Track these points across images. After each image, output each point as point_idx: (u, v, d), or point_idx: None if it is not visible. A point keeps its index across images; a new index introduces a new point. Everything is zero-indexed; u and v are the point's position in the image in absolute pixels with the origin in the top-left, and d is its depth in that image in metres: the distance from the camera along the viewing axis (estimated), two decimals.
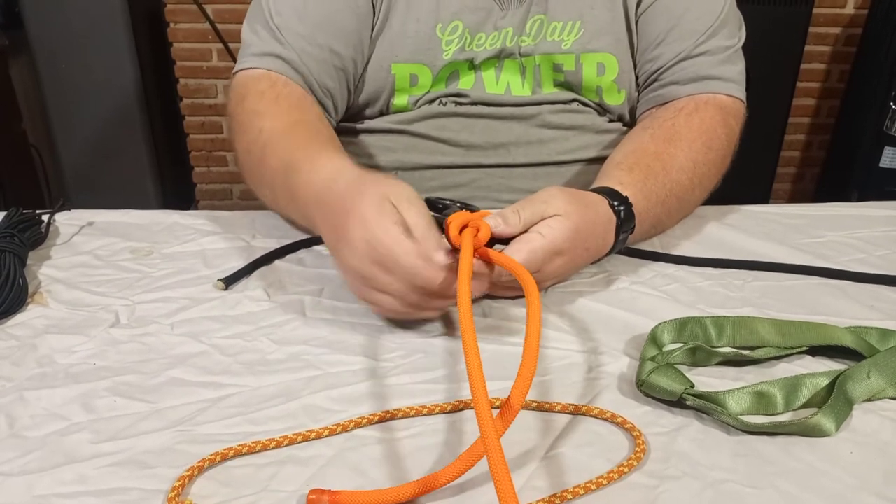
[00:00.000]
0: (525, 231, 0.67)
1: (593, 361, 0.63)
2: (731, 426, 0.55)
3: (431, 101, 0.96)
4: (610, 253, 0.77)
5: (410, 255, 0.60)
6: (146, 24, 2.46)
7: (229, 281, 0.74)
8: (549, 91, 0.96)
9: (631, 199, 0.76)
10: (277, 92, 0.87)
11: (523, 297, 0.71)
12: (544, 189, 0.70)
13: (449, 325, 0.68)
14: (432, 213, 0.78)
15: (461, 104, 0.96)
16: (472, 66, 0.94)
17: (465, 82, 0.95)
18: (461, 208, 0.79)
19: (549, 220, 0.68)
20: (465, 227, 0.67)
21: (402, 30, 0.92)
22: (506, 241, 0.68)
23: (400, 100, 0.95)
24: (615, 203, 0.74)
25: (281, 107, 0.86)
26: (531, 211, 0.68)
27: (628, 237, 0.77)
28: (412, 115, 0.96)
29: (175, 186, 2.75)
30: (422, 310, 0.65)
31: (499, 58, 0.94)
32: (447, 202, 0.81)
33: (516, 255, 0.66)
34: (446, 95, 0.96)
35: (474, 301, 0.70)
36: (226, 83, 2.58)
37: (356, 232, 0.62)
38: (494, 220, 0.67)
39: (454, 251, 0.64)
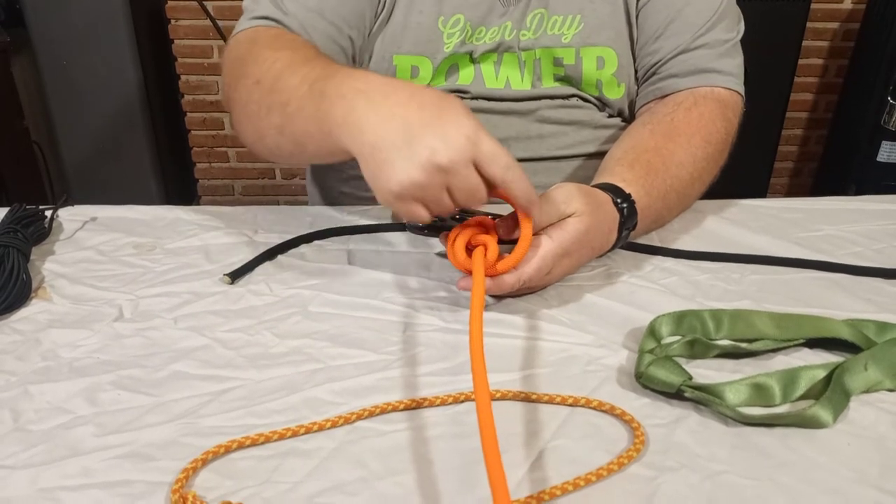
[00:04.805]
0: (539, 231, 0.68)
1: (592, 354, 0.64)
2: (729, 418, 0.56)
3: None
4: (612, 249, 0.77)
5: (510, 156, 0.63)
6: (147, 20, 2.46)
7: (236, 275, 0.75)
8: (549, 85, 0.97)
9: (633, 197, 0.76)
10: (291, 37, 0.85)
11: (526, 294, 0.72)
12: (560, 186, 0.71)
13: (450, 319, 0.69)
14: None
15: (462, 98, 0.96)
16: (472, 59, 0.95)
17: (465, 77, 0.96)
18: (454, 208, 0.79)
19: (560, 221, 0.68)
20: (469, 244, 0.67)
21: (404, 22, 0.93)
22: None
23: None
24: (619, 201, 0.75)
25: (299, 45, 0.82)
26: (548, 212, 0.68)
27: (630, 233, 0.77)
28: None
29: (177, 183, 2.76)
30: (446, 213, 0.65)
31: (497, 52, 0.95)
32: None
33: (527, 266, 0.67)
34: (447, 91, 0.96)
35: None
36: None
37: (458, 124, 0.61)
38: (506, 225, 0.68)
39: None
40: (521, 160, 0.97)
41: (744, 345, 0.64)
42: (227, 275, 0.74)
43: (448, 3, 0.93)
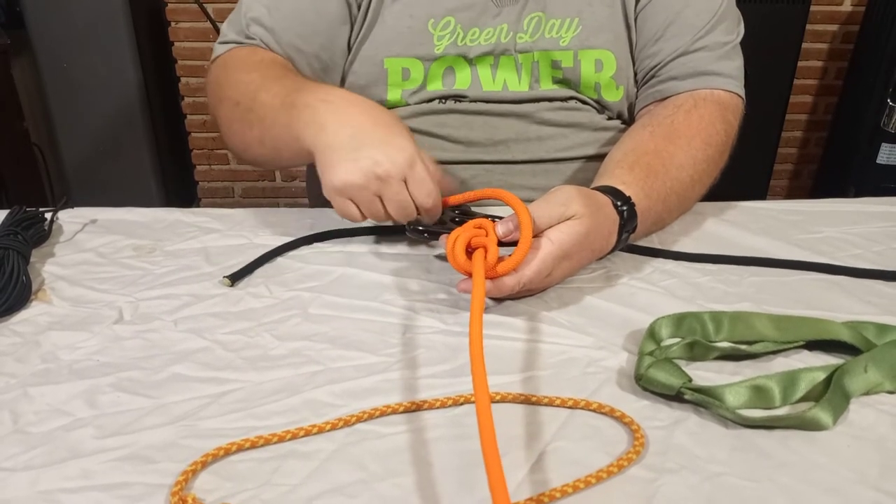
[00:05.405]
0: (538, 234, 0.68)
1: (592, 356, 0.64)
2: (728, 420, 0.56)
3: (430, 101, 0.97)
4: (612, 252, 0.77)
5: (434, 185, 0.74)
6: (147, 22, 2.46)
7: (235, 277, 0.75)
8: (548, 87, 0.97)
9: (633, 199, 0.76)
10: (261, 56, 0.92)
11: (526, 296, 0.72)
12: (559, 189, 0.71)
13: (450, 321, 0.69)
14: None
15: (460, 102, 0.97)
16: (467, 61, 0.95)
17: (462, 81, 0.96)
18: (454, 211, 0.80)
19: (560, 224, 0.68)
20: (469, 247, 0.67)
21: (395, 25, 0.94)
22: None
23: (393, 94, 0.96)
24: (619, 203, 0.75)
25: (266, 64, 0.90)
26: (548, 214, 0.68)
27: (630, 236, 0.77)
28: (412, 110, 0.97)
29: (177, 185, 2.76)
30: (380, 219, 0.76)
31: (494, 54, 0.95)
32: None
33: (526, 268, 0.67)
34: (445, 96, 0.97)
35: None
36: None
37: (401, 147, 0.72)
38: (505, 228, 0.68)
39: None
40: (521, 162, 0.99)
41: (743, 347, 0.64)
42: (226, 277, 0.74)
43: (439, 6, 0.93)
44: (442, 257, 0.79)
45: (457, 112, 0.97)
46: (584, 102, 0.98)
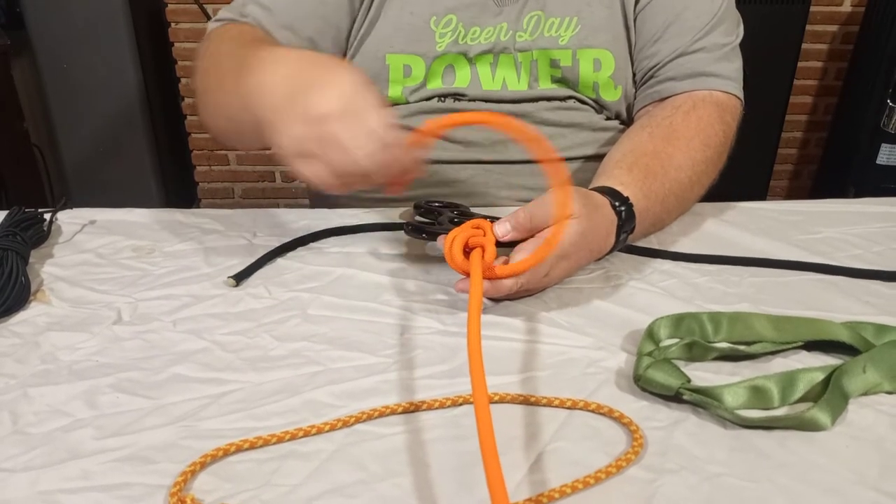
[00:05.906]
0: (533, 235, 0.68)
1: (591, 357, 0.64)
2: (727, 420, 0.56)
3: (430, 98, 0.97)
4: (610, 252, 0.77)
5: (381, 118, 0.63)
6: (147, 23, 2.46)
7: (239, 277, 0.75)
8: (547, 86, 0.97)
9: (632, 200, 0.76)
10: (246, 31, 0.91)
11: (525, 296, 0.72)
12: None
13: (448, 322, 0.69)
14: (424, 218, 0.80)
15: (460, 101, 0.97)
16: (467, 59, 0.95)
17: (462, 79, 0.96)
18: (452, 212, 0.80)
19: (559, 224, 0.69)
20: (467, 247, 0.67)
21: (396, 22, 0.94)
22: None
23: (394, 91, 0.97)
24: (617, 203, 0.75)
25: (245, 35, 0.88)
26: (545, 214, 0.68)
27: (628, 236, 0.77)
28: (411, 108, 0.97)
29: (177, 185, 2.76)
30: (348, 183, 0.66)
31: (493, 53, 0.95)
32: (436, 205, 0.82)
33: (524, 267, 0.67)
34: (445, 94, 0.97)
35: None
36: None
37: (339, 81, 0.63)
38: (503, 228, 0.68)
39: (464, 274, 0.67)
40: (519, 162, 0.99)
41: (742, 347, 0.64)
42: (231, 277, 0.74)
43: (440, 4, 0.93)
44: (440, 257, 0.79)
45: (456, 111, 0.97)
46: (582, 102, 0.98)
